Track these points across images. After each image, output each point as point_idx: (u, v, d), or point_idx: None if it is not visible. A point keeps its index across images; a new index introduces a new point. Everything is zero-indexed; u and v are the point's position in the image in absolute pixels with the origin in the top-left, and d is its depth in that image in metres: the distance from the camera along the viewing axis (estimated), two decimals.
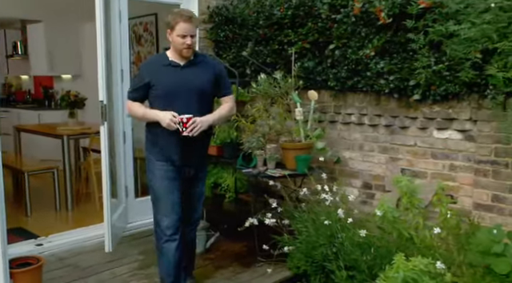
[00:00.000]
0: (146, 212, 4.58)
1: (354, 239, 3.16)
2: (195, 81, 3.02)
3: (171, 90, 2.99)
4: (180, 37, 2.93)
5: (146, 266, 3.79)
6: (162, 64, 3.04)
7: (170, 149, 3.04)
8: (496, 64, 3.18)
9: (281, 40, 4.36)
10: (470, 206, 3.54)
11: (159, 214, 3.10)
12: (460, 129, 3.55)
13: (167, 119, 2.88)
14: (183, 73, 3.03)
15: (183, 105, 2.95)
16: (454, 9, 3.34)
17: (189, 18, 2.94)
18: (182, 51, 2.98)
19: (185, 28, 2.92)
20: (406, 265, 2.77)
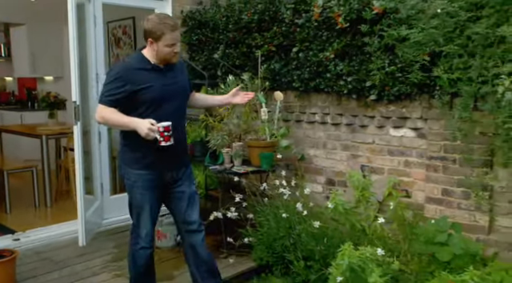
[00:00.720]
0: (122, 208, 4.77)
1: (310, 230, 3.36)
2: (179, 82, 2.98)
3: (160, 94, 2.85)
4: (168, 46, 2.80)
5: (118, 259, 3.97)
6: (144, 67, 2.85)
7: (151, 156, 2.88)
8: (442, 66, 3.41)
9: (249, 43, 4.56)
10: (422, 200, 3.76)
11: (139, 223, 3.01)
12: (413, 127, 3.77)
13: (145, 128, 2.67)
14: (167, 76, 2.91)
15: (172, 108, 2.88)
16: (405, 14, 3.57)
17: (174, 26, 2.82)
18: (170, 59, 2.87)
19: (173, 37, 2.80)
20: (354, 254, 2.98)
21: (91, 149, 4.65)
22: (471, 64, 3.28)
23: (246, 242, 3.74)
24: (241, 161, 4.07)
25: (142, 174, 2.92)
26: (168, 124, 2.73)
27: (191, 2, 5.21)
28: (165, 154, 2.86)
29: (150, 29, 2.81)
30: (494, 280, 2.89)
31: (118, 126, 2.92)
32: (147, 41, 2.85)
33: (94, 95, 4.55)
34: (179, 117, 2.97)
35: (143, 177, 2.92)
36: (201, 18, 5.06)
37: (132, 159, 2.93)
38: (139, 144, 2.81)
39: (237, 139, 4.22)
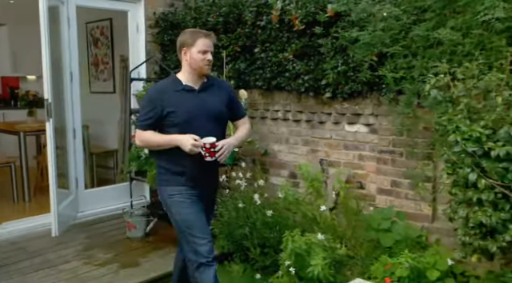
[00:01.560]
0: (97, 202, 5.04)
1: (265, 219, 3.61)
2: (213, 105, 2.90)
3: (190, 117, 2.81)
4: (201, 53, 2.79)
5: (89, 248, 4.21)
6: (175, 89, 2.85)
7: (190, 173, 2.86)
8: (389, 66, 3.65)
9: (216, 44, 4.78)
10: (374, 191, 4.01)
11: (196, 240, 2.81)
12: (365, 123, 4.02)
13: (189, 144, 2.70)
14: (200, 97, 2.88)
15: (203, 131, 2.80)
16: (356, 18, 3.82)
17: (208, 34, 2.86)
18: (202, 68, 2.84)
19: (206, 43, 2.82)
20: (301, 239, 3.23)
21: (66, 145, 4.86)
22: (414, 64, 3.53)
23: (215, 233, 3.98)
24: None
25: (181, 190, 2.86)
26: (214, 140, 2.74)
27: (163, 4, 5.42)
28: (204, 172, 2.88)
29: (184, 39, 2.86)
30: (428, 262, 3.15)
31: (160, 146, 2.86)
32: (181, 53, 2.88)
33: (68, 93, 4.76)
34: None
35: (186, 194, 2.86)
36: (173, 19, 5.27)
37: (171, 177, 2.88)
38: (179, 159, 2.82)
39: None
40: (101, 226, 4.81)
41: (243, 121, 3.17)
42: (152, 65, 5.40)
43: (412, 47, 3.57)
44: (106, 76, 6.45)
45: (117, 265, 3.85)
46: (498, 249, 2.63)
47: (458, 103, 2.76)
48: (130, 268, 3.79)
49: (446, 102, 2.89)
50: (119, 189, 5.27)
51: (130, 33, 5.30)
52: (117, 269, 3.76)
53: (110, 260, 3.96)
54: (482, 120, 2.65)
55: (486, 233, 2.71)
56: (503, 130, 2.54)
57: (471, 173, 2.62)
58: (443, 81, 2.86)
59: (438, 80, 2.87)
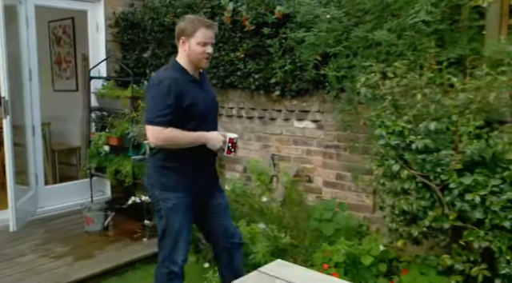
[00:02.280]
0: (57, 198, 5.14)
1: None
2: (214, 97, 2.88)
3: (205, 109, 2.71)
4: (201, 45, 2.60)
5: (47, 242, 4.31)
6: (187, 80, 2.65)
7: (191, 177, 2.73)
8: (332, 65, 3.87)
9: (173, 43, 4.92)
10: (321, 184, 4.22)
11: (176, 249, 2.76)
12: (313, 119, 4.23)
13: (221, 141, 2.66)
14: (204, 90, 2.78)
15: (211, 124, 2.76)
16: (301, 19, 4.02)
17: (210, 24, 2.66)
18: (200, 61, 2.65)
19: (207, 34, 2.62)
20: (245, 229, 3.41)
21: (26, 142, 4.94)
22: (354, 63, 3.75)
23: None
24: None
25: (180, 197, 2.70)
26: (237, 136, 2.75)
27: (123, 4, 5.54)
28: (204, 174, 2.80)
29: (183, 27, 2.64)
30: (363, 248, 3.37)
31: (185, 144, 2.63)
32: (179, 41, 2.68)
33: (27, 91, 4.85)
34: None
35: (182, 200, 2.71)
36: (132, 19, 5.40)
37: (174, 182, 2.71)
38: (183, 165, 2.69)
39: None
40: (60, 221, 4.92)
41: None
42: (112, 64, 5.51)
43: (353, 47, 3.79)
44: (69, 74, 6.52)
45: (73, 257, 3.97)
46: (419, 233, 2.87)
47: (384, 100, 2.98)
48: (85, 260, 3.92)
49: (375, 99, 3.11)
50: (80, 185, 5.38)
51: (90, 33, 5.40)
52: (72, 262, 3.88)
53: (66, 253, 4.07)
54: (405, 115, 2.87)
55: (409, 219, 2.94)
56: (422, 125, 2.76)
57: (395, 165, 2.84)
58: (373, 80, 3.08)
59: (369, 78, 3.08)
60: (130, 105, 4.68)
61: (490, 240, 2.62)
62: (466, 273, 2.80)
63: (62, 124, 6.48)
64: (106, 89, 5.12)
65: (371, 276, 3.31)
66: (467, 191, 2.63)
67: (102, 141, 4.87)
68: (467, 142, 2.64)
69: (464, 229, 2.75)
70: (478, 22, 3.40)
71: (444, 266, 2.95)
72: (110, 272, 3.78)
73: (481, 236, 2.64)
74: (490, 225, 2.62)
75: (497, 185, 2.59)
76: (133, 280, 3.74)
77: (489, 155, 2.68)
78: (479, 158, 2.70)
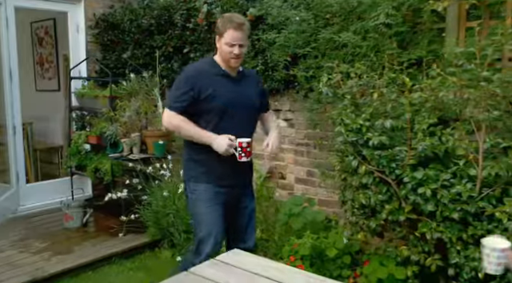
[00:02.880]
0: (38, 196, 5.24)
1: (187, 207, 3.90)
2: (249, 96, 2.84)
3: (229, 103, 2.71)
4: (228, 45, 2.67)
5: (26, 239, 4.42)
6: (215, 73, 2.75)
7: (221, 171, 2.76)
8: (301, 65, 4.01)
9: (151, 44, 5.07)
10: (293, 181, 4.36)
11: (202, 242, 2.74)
12: (284, 118, 4.37)
13: (225, 144, 2.62)
14: (238, 86, 2.80)
15: (239, 122, 2.74)
16: (274, 21, 4.16)
17: (239, 25, 2.67)
18: (229, 61, 2.72)
19: (234, 36, 2.66)
20: None
21: (7, 141, 5.04)
22: (322, 64, 3.89)
23: (141, 220, 4.26)
24: (138, 150, 4.57)
25: (210, 187, 2.76)
26: (249, 140, 2.69)
27: (103, 6, 5.64)
28: (232, 172, 2.78)
29: (217, 25, 2.75)
30: (328, 241, 3.51)
31: (191, 138, 2.73)
32: (216, 38, 2.78)
33: (8, 91, 4.94)
34: (247, 133, 2.80)
35: (208, 191, 2.76)
36: (112, 21, 5.51)
37: (202, 172, 2.77)
38: (209, 159, 2.72)
39: (137, 130, 4.71)
40: (41, 218, 5.02)
41: (270, 113, 3.13)
42: (93, 65, 5.62)
43: (321, 49, 3.93)
44: (51, 74, 6.62)
45: (50, 252, 4.08)
46: (377, 226, 3.01)
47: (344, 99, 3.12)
48: (62, 255, 4.03)
49: (338, 98, 3.26)
50: (61, 183, 5.49)
51: (71, 34, 5.51)
52: (49, 257, 3.99)
53: (44, 248, 4.18)
54: (363, 113, 3.01)
55: (368, 212, 3.08)
56: (379, 122, 2.91)
57: (353, 161, 2.99)
58: (335, 80, 3.22)
59: (330, 78, 3.22)
60: (108, 104, 4.80)
61: (441, 231, 2.77)
62: (422, 264, 2.95)
63: (44, 123, 6.58)
64: (86, 89, 5.23)
65: (336, 268, 3.46)
66: (420, 185, 2.77)
67: (81, 140, 4.98)
68: (419, 139, 2.79)
69: (419, 222, 2.90)
70: (439, 25, 3.56)
71: (402, 257, 3.11)
72: (86, 266, 3.90)
73: (433, 227, 2.79)
74: (441, 217, 2.77)
75: (447, 180, 2.73)
76: (108, 273, 3.85)
77: (441, 151, 2.83)
78: (432, 154, 2.85)
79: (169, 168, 4.14)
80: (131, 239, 4.35)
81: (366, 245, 3.68)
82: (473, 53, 2.76)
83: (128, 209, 4.35)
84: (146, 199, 4.29)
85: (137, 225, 4.36)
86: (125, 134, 4.55)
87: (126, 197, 4.28)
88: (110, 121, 4.78)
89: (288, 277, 1.99)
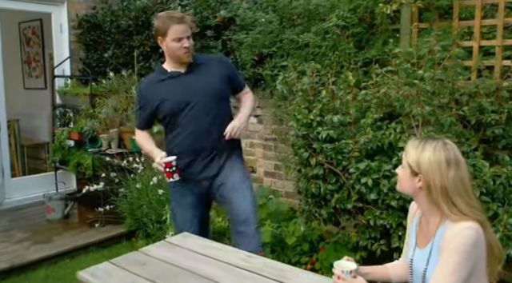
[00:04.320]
0: (23, 189, 5.46)
1: (159, 198, 4.14)
2: (207, 84, 2.73)
3: (182, 101, 2.68)
4: (175, 41, 2.61)
5: (9, 230, 4.65)
6: (161, 78, 2.75)
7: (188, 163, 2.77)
8: (267, 64, 4.24)
9: (130, 44, 5.30)
10: (262, 174, 4.59)
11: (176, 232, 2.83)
12: (254, 114, 4.59)
13: (156, 162, 2.68)
14: (188, 80, 2.73)
15: (201, 115, 2.70)
16: (243, 22, 4.39)
17: (181, 19, 2.62)
18: (181, 57, 2.67)
19: (179, 29, 2.60)
20: None
21: None
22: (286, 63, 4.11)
23: (119, 212, 4.49)
24: (116, 145, 4.80)
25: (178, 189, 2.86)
26: (169, 160, 2.58)
27: (86, 7, 5.86)
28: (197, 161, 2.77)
29: (157, 26, 2.69)
30: (289, 230, 3.74)
31: (147, 153, 2.90)
32: (158, 41, 2.75)
33: None
34: (211, 122, 2.74)
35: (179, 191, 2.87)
36: (94, 21, 5.73)
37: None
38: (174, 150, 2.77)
39: (116, 126, 4.93)
40: (25, 211, 5.25)
41: (244, 92, 2.98)
42: (76, 64, 5.84)
43: (286, 49, 4.16)
44: (38, 73, 6.84)
45: (31, 242, 4.31)
46: (327, 214, 3.24)
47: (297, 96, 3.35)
48: (42, 244, 4.26)
49: (294, 95, 3.48)
50: (46, 177, 5.71)
51: (54, 34, 5.73)
52: (29, 246, 4.22)
53: (26, 238, 4.41)
54: (314, 109, 3.24)
55: (319, 202, 3.31)
56: (327, 117, 3.14)
57: (305, 153, 3.22)
58: (291, 78, 3.45)
59: (286, 77, 3.45)
60: (88, 101, 5.02)
61: (384, 218, 3.00)
62: (370, 249, 3.18)
63: (31, 120, 6.80)
64: (69, 87, 5.45)
65: (295, 254, 3.69)
66: (364, 175, 3.00)
67: (64, 136, 5.20)
68: (362, 133, 3.02)
69: (365, 209, 3.13)
70: (394, 26, 3.79)
71: (352, 243, 3.34)
72: (64, 254, 4.13)
73: (377, 215, 3.02)
74: (384, 204, 3.00)
75: (388, 170, 2.96)
76: (84, 261, 4.08)
77: (385, 144, 3.06)
78: (378, 147, 3.08)
79: (141, 162, 4.37)
80: (109, 230, 4.58)
81: (326, 234, 3.91)
82: (411, 53, 2.99)
83: (106, 201, 4.58)
84: (122, 192, 4.51)
85: (115, 216, 4.59)
86: (104, 130, 4.77)
87: (104, 190, 4.51)
88: (90, 117, 5.01)
89: (224, 255, 2.23)
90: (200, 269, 2.10)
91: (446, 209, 1.71)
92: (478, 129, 3.12)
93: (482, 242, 1.68)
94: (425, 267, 1.79)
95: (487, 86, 3.05)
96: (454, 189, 1.71)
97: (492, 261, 1.75)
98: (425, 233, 1.86)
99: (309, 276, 2.05)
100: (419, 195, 1.82)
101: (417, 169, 1.77)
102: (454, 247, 1.63)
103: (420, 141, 1.80)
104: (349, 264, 1.88)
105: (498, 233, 2.58)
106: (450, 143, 1.77)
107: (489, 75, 3.17)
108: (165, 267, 2.14)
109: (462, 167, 1.74)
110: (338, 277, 1.84)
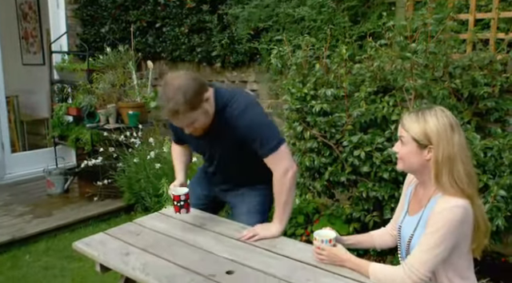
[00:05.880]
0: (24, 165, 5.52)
1: (155, 172, 4.19)
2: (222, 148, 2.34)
3: (198, 151, 2.52)
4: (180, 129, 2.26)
5: (10, 204, 4.71)
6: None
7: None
8: (263, 39, 4.23)
9: (127, 19, 5.28)
10: None
11: None
12: (251, 88, 4.61)
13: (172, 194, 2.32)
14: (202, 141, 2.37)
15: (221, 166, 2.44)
16: None
17: (172, 116, 2.10)
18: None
19: (177, 123, 2.17)
20: None
21: None
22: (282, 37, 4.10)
23: (117, 186, 4.55)
24: (115, 120, 4.83)
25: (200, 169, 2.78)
26: (178, 193, 2.28)
27: None
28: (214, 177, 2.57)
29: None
30: None
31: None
32: None
33: None
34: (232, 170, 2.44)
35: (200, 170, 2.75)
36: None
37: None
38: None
39: (114, 101, 4.95)
40: (26, 186, 5.31)
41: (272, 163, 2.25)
42: (73, 39, 5.83)
43: (281, 22, 4.15)
44: (36, 49, 6.82)
45: (32, 216, 4.38)
46: (321, 187, 3.29)
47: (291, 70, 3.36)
48: (42, 218, 4.33)
49: (288, 69, 3.49)
50: (46, 152, 5.75)
51: (51, 9, 5.70)
52: (30, 219, 4.29)
53: (26, 212, 4.48)
54: (308, 83, 3.26)
55: (313, 174, 3.36)
56: (321, 91, 3.15)
57: (299, 126, 3.25)
58: (285, 52, 3.45)
59: (280, 51, 3.45)
60: (85, 77, 5.03)
61: (376, 190, 3.05)
62: (363, 220, 3.24)
63: (30, 96, 6.82)
64: (66, 62, 5.46)
65: (290, 227, 3.74)
66: (357, 148, 3.04)
67: (62, 112, 5.23)
68: (355, 107, 3.04)
69: (358, 182, 3.18)
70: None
71: (345, 215, 3.40)
72: (64, 227, 4.20)
73: (369, 187, 3.07)
74: (376, 177, 3.05)
75: (381, 143, 2.99)
76: (84, 233, 4.12)
77: (379, 117, 3.08)
78: (370, 120, 3.11)
79: (139, 136, 4.41)
80: (108, 204, 4.65)
81: (321, 206, 3.96)
82: (405, 26, 2.99)
83: (105, 175, 4.64)
84: (120, 166, 4.57)
85: (114, 190, 4.66)
86: (102, 106, 4.80)
87: (103, 165, 4.56)
88: (88, 93, 5.03)
89: (218, 226, 2.29)
90: (193, 239, 2.16)
91: (446, 179, 1.70)
92: (471, 103, 3.14)
93: (469, 220, 1.70)
94: (411, 233, 1.83)
95: (481, 59, 3.06)
96: (457, 156, 1.70)
97: (478, 236, 1.77)
98: (418, 201, 1.88)
99: (295, 244, 2.14)
100: (425, 168, 1.77)
101: (425, 141, 1.73)
102: (441, 222, 1.65)
103: (416, 113, 1.77)
104: (328, 233, 1.93)
105: (487, 204, 2.63)
106: (444, 109, 1.77)
107: (483, 48, 3.17)
108: (158, 237, 2.19)
109: (461, 131, 1.74)
110: (317, 247, 1.89)
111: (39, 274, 3.51)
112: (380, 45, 3.17)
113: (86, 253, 2.10)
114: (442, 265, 1.73)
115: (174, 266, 1.92)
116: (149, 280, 1.83)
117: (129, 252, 2.04)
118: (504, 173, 2.72)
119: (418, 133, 1.74)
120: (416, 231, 1.82)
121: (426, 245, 1.67)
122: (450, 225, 1.65)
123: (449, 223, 1.65)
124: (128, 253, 2.03)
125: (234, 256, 1.99)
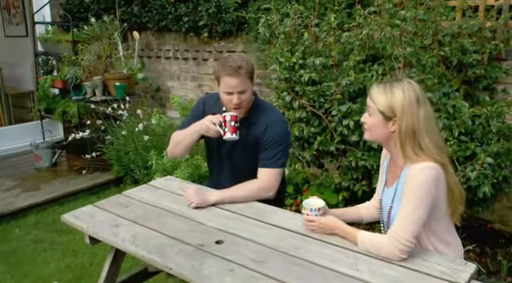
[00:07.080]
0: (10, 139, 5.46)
1: (143, 144, 4.16)
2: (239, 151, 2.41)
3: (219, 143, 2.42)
4: (226, 94, 2.25)
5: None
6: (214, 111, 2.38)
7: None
8: (251, 8, 4.16)
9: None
10: None
11: None
12: None
13: (206, 120, 2.26)
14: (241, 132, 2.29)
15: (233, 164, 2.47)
16: None
17: (234, 71, 2.18)
18: (231, 110, 2.28)
19: (229, 83, 2.20)
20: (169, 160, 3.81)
21: None
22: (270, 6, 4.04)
23: (105, 159, 4.52)
24: (101, 92, 4.76)
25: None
26: (235, 114, 2.21)
27: None
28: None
29: (214, 69, 2.33)
30: None
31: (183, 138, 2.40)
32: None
33: None
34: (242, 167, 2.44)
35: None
36: None
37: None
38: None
39: (100, 73, 4.87)
40: (13, 160, 5.26)
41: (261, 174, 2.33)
42: (57, 9, 5.70)
43: None
44: (18, 20, 6.65)
45: (20, 190, 4.36)
46: (311, 156, 3.28)
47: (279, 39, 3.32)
48: (31, 191, 4.31)
49: (276, 38, 3.44)
50: (32, 126, 5.68)
51: None
52: (18, 193, 4.26)
53: (14, 186, 4.45)
54: (296, 52, 3.22)
55: (302, 144, 3.35)
56: (309, 60, 3.12)
57: (287, 96, 3.22)
58: (273, 21, 3.40)
59: (269, 19, 3.40)
60: (71, 48, 4.93)
61: (365, 159, 3.05)
62: (352, 189, 3.25)
63: (14, 69, 6.68)
64: (49, 33, 5.34)
65: None
66: (346, 117, 3.03)
67: (47, 85, 5.15)
68: (344, 76, 3.02)
69: (347, 151, 3.18)
70: None
71: (335, 184, 3.41)
72: (53, 201, 4.18)
73: (358, 156, 3.07)
74: (365, 146, 3.05)
75: None
76: (73, 207, 4.02)
77: (368, 86, 3.05)
78: (359, 89, 3.09)
79: (126, 108, 4.36)
80: (97, 176, 4.63)
81: (311, 176, 3.98)
82: None
83: (93, 148, 4.60)
84: (108, 139, 4.53)
85: (103, 163, 4.63)
86: (88, 78, 4.72)
87: (90, 137, 4.51)
88: (73, 65, 4.94)
89: None
90: (182, 210, 2.15)
91: (411, 150, 1.73)
92: (460, 70, 3.13)
93: (441, 181, 1.72)
94: (390, 205, 1.85)
95: (470, 27, 3.03)
96: (422, 128, 1.73)
97: (454, 201, 1.80)
98: (392, 173, 1.91)
99: (284, 214, 2.14)
100: (391, 139, 1.82)
101: (390, 113, 1.75)
102: (414, 185, 1.68)
103: (384, 85, 1.79)
104: (317, 201, 1.94)
105: (474, 171, 2.65)
106: (412, 82, 1.79)
107: (473, 15, 3.14)
108: (147, 209, 2.19)
109: (428, 104, 1.76)
110: (307, 215, 1.90)
111: (29, 248, 3.51)
112: (369, 13, 3.13)
113: (75, 225, 2.09)
114: (424, 230, 1.76)
115: (163, 237, 1.91)
116: (138, 251, 1.83)
117: (118, 224, 2.04)
118: (491, 141, 2.73)
119: (383, 106, 1.77)
120: (394, 202, 1.85)
121: (405, 211, 1.70)
122: (425, 184, 1.68)
123: (423, 183, 1.68)
124: (117, 225, 2.02)
125: (223, 226, 2.00)
